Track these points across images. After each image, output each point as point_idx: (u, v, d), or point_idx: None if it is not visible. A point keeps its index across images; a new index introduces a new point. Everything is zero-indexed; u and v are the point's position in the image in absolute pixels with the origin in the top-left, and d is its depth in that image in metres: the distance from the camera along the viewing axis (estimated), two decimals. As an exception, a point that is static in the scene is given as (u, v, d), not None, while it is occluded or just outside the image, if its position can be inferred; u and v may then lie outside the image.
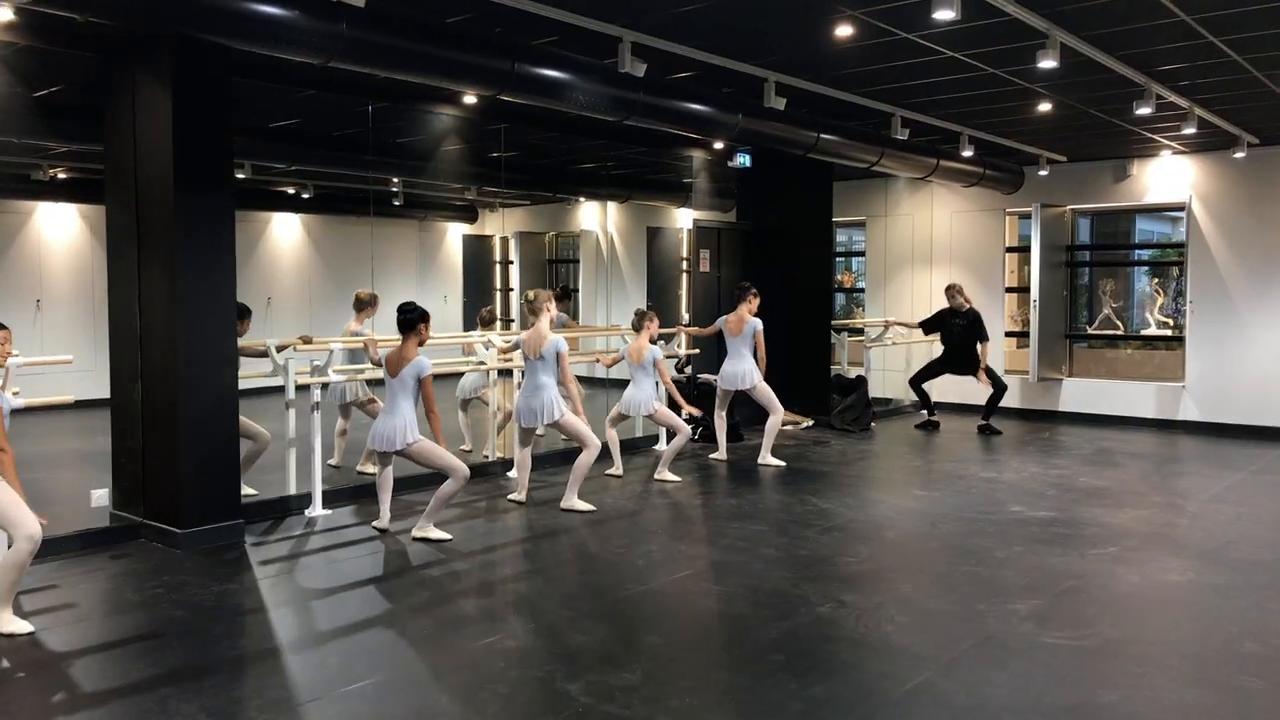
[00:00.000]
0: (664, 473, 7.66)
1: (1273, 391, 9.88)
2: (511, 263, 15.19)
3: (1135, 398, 10.68)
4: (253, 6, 4.53)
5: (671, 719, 3.44)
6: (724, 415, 8.60)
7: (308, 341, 6.92)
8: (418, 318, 5.88)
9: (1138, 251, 12.76)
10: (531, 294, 6.68)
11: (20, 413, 4.91)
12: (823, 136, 7.71)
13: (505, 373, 8.14)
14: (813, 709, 3.51)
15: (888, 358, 11.83)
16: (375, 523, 6.13)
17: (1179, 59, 6.32)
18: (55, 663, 4.03)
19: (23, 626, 4.29)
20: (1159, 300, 11.41)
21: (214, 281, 5.77)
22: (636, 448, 8.95)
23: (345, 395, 7.54)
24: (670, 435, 8.08)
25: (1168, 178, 10.47)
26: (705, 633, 4.44)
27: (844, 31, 5.64)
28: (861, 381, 10.60)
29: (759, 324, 8.12)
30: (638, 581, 5.07)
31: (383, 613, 4.65)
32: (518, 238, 14.60)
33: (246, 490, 6.35)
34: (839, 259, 13.94)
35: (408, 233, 15.60)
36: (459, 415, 8.44)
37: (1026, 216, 11.97)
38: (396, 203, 14.31)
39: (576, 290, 14.81)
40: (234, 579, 5.13)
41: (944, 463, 8.55)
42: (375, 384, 7.54)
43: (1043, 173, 10.39)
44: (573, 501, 6.65)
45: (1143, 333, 11.37)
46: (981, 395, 10.17)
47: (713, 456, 8.56)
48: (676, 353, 9.32)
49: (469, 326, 13.73)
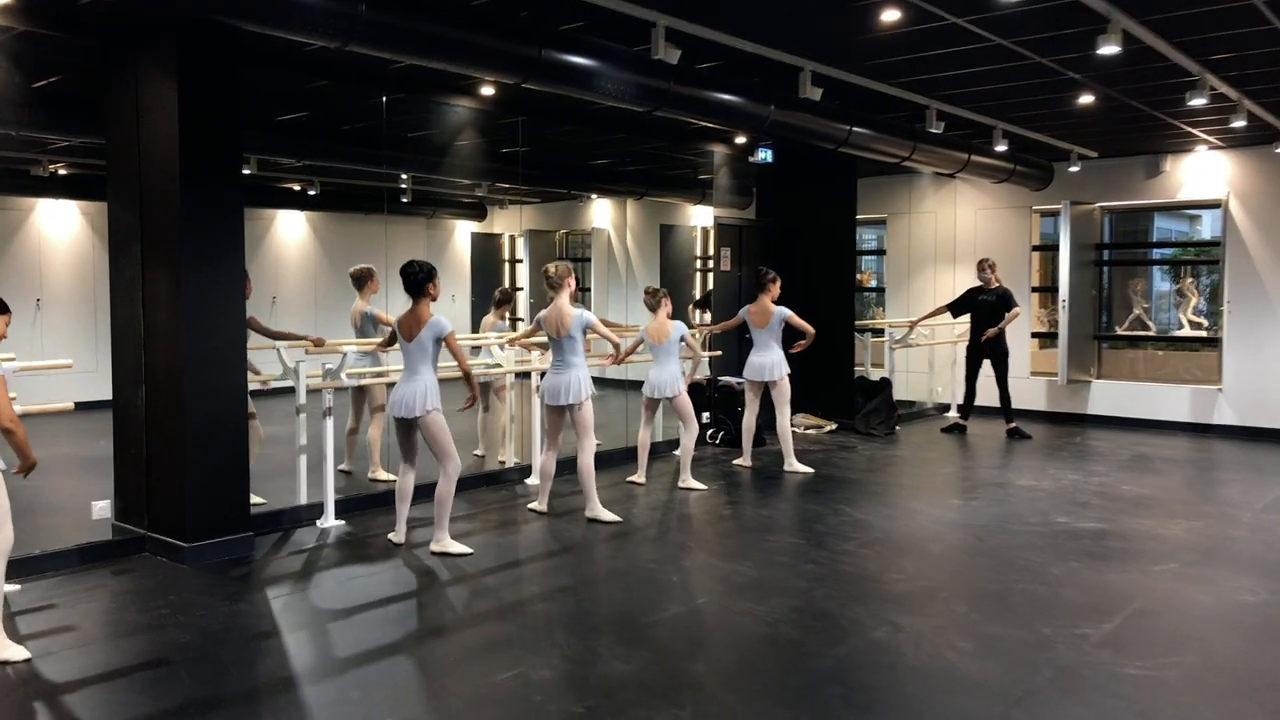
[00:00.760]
0: (688, 480, 7.34)
1: (1312, 395, 9.56)
2: (520, 261, 14.89)
3: (1168, 401, 10.35)
4: (266, -15, 4.22)
5: (730, 763, 3.13)
6: (753, 418, 8.24)
7: (319, 344, 6.61)
8: (426, 276, 5.56)
9: (1161, 250, 12.48)
10: (552, 268, 6.36)
11: (22, 417, 4.60)
12: (855, 130, 7.39)
13: (523, 375, 7.83)
14: (884, 751, 3.20)
15: (911, 359, 11.51)
16: (391, 535, 5.82)
17: (1233, 47, 5.99)
18: (54, 694, 3.72)
19: (19, 653, 3.97)
20: (1191, 300, 11.08)
21: (222, 280, 5.45)
22: (656, 452, 8.61)
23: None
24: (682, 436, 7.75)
25: (1203, 174, 10.14)
26: (754, 661, 4.12)
27: (890, 16, 5.32)
28: (886, 384, 10.29)
29: (787, 311, 7.79)
30: (675, 601, 4.75)
31: (404, 637, 4.34)
32: (527, 236, 14.28)
33: (254, 499, 6.04)
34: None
35: (415, 231, 15.27)
36: (479, 415, 8.12)
37: (1051, 214, 11.70)
38: (404, 200, 14.00)
39: (588, 289, 14.51)
40: (244, 598, 4.82)
41: (977, 469, 8.23)
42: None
43: (1074, 169, 10.06)
44: (597, 511, 6.34)
45: (1175, 334, 11.04)
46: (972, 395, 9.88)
47: (736, 462, 8.24)
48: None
49: (477, 326, 13.46)
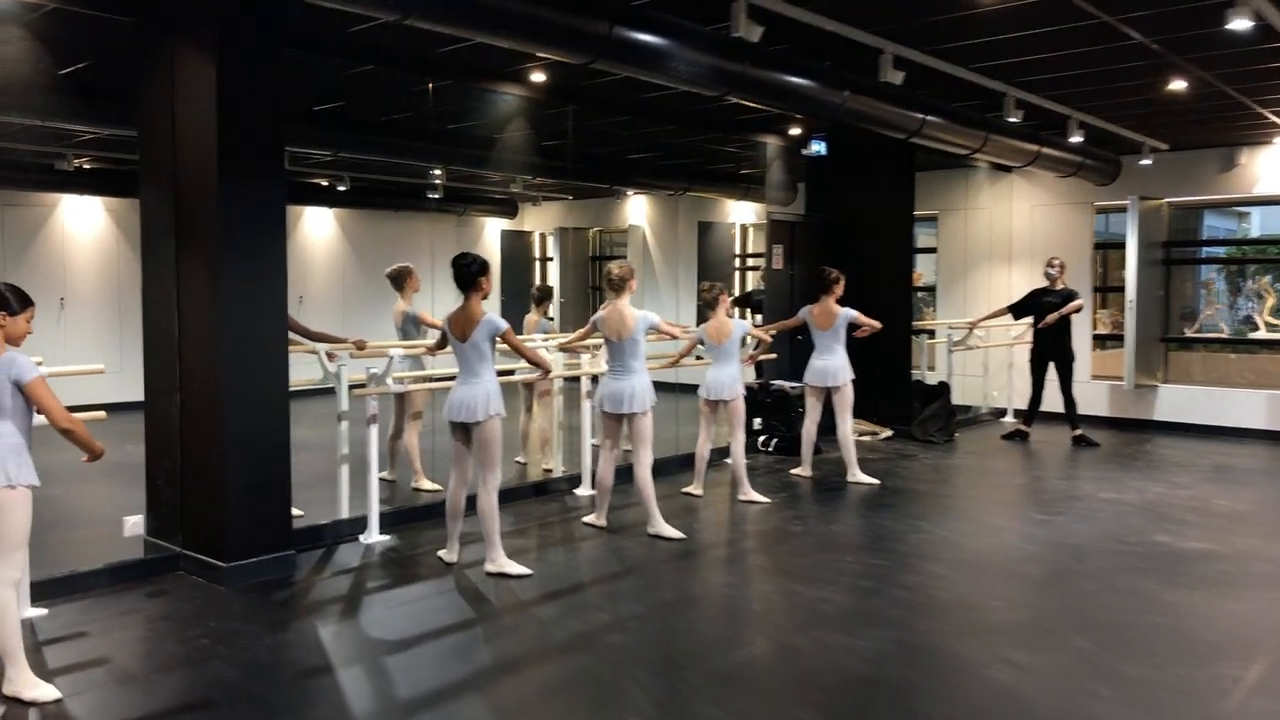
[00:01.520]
0: (748, 492, 6.90)
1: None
2: (551, 259, 14.48)
3: (1243, 407, 9.82)
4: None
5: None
6: (814, 425, 7.77)
7: (361, 347, 6.22)
8: (479, 269, 5.14)
9: (1213, 249, 11.95)
10: (615, 268, 5.93)
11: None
12: (929, 119, 6.93)
13: (571, 378, 7.43)
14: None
15: (966, 362, 11.01)
16: (442, 553, 5.41)
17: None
18: (87, 743, 3.33)
19: (48, 693, 3.57)
20: (1269, 301, 10.54)
21: (264, 280, 5.05)
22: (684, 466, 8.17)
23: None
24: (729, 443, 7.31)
25: (1282, 167, 9.62)
26: (865, 706, 3.68)
27: (991, -10, 4.88)
28: (944, 388, 9.81)
29: (852, 312, 7.34)
30: (761, 633, 4.32)
31: (472, 674, 3.92)
32: (558, 234, 13.86)
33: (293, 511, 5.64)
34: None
35: (445, 228, 14.89)
36: (520, 419, 7.72)
37: (1108, 212, 11.21)
38: (434, 196, 13.63)
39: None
40: (290, 626, 4.42)
41: (1050, 480, 7.75)
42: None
43: (1146, 162, 9.53)
44: (659, 526, 5.91)
45: (1251, 336, 10.52)
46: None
47: (795, 472, 7.79)
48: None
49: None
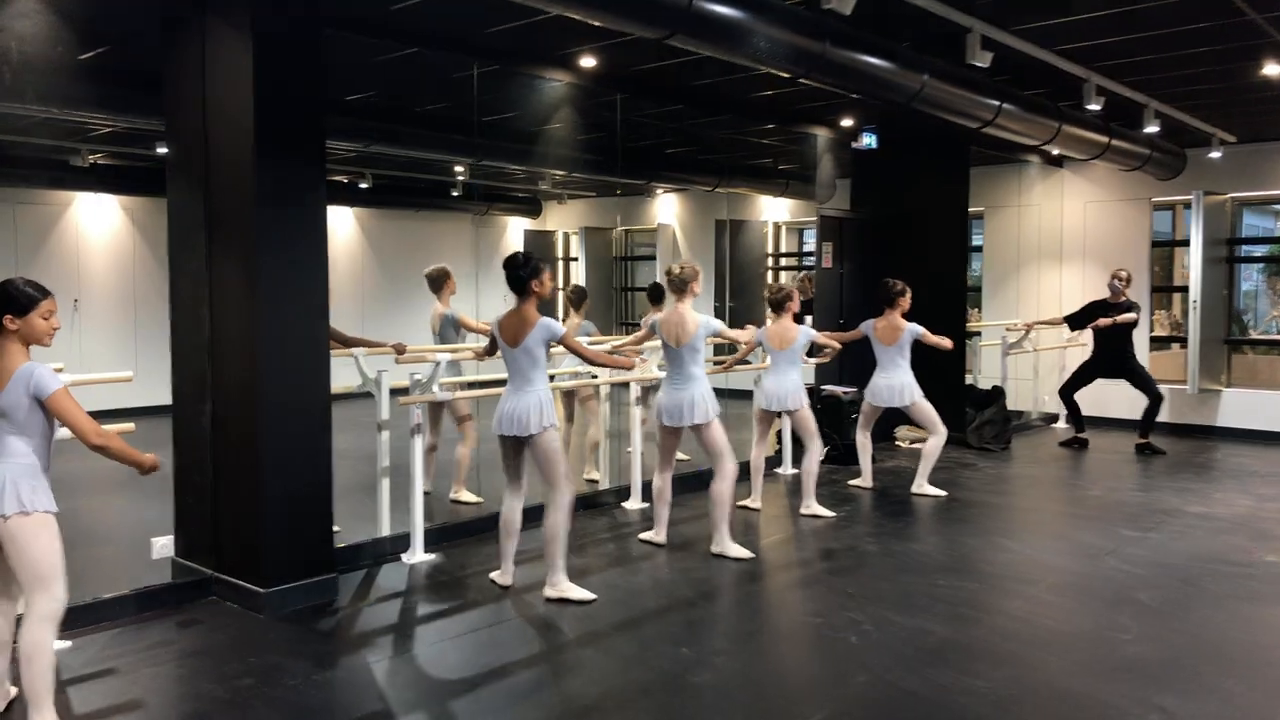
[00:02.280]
0: (812, 505, 6.45)
1: None
2: (575, 259, 14.05)
3: (1313, 412, 9.35)
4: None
5: None
6: (868, 435, 7.37)
7: (402, 351, 5.78)
8: (531, 271, 4.67)
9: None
10: (677, 267, 5.48)
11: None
12: (1004, 107, 6.46)
13: (621, 384, 6.99)
14: None
15: (1017, 366, 10.54)
16: (495, 576, 4.96)
17: None
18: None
19: (75, 747, 3.15)
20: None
21: (304, 275, 4.63)
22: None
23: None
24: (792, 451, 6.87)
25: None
26: (1003, 761, 3.23)
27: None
28: (999, 393, 9.34)
29: (919, 328, 6.88)
30: (864, 670, 3.86)
31: (550, 722, 3.48)
32: (583, 233, 13.41)
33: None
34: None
35: (466, 228, 14.48)
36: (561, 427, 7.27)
37: (1165, 208, 10.76)
38: (457, 194, 13.21)
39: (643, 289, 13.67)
40: (338, 661, 3.98)
41: (1127, 492, 7.28)
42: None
43: (1214, 155, 9.06)
44: (725, 545, 5.47)
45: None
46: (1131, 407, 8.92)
47: (854, 483, 7.34)
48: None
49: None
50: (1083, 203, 10.64)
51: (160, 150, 8.61)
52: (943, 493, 7.03)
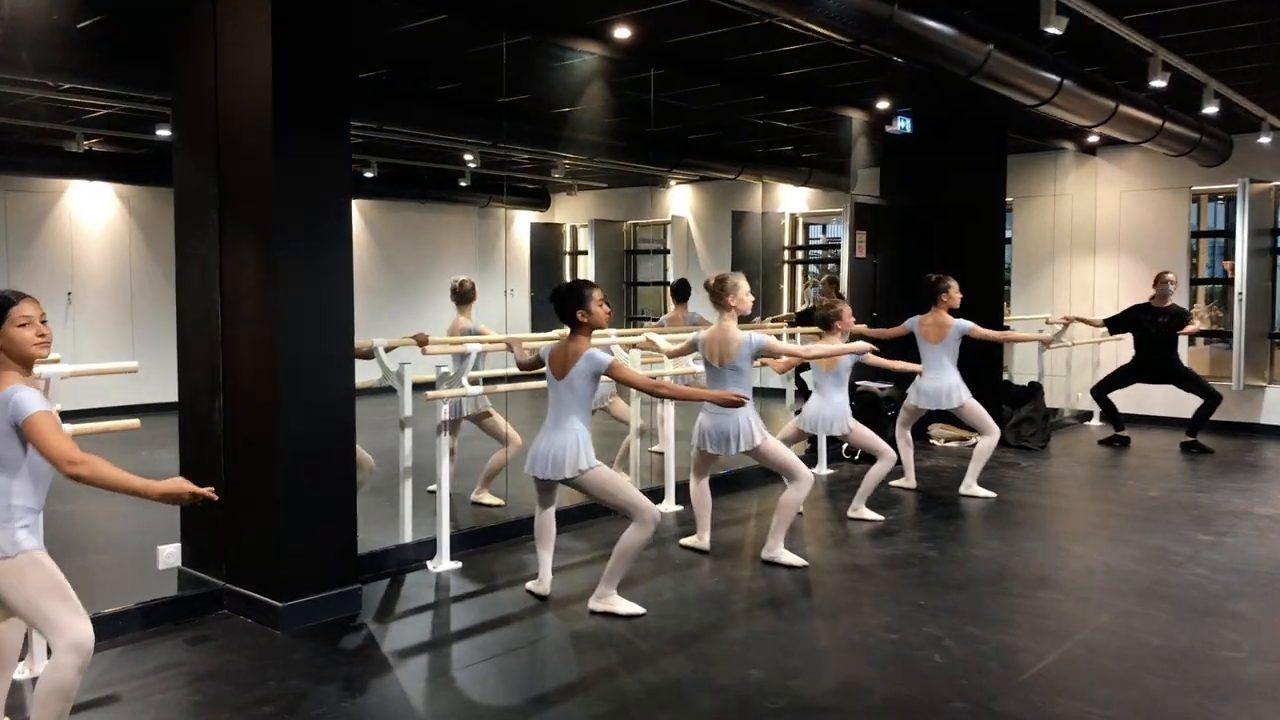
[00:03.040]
0: (860, 509, 6.06)
1: None
2: (584, 253, 13.64)
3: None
4: None
5: None
6: (909, 434, 6.99)
7: (424, 342, 5.36)
8: (577, 301, 4.22)
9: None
10: (717, 279, 5.08)
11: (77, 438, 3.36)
12: (1065, 83, 6.07)
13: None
14: None
15: (1052, 362, 10.15)
16: (532, 585, 4.56)
17: None
18: None
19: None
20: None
21: (327, 258, 4.22)
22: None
23: (460, 408, 5.94)
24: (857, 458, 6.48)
25: None
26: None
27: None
28: (1037, 389, 8.95)
29: (967, 324, 6.49)
30: (957, 694, 3.46)
31: (616, 758, 3.07)
32: (593, 226, 12.99)
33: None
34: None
35: (471, 220, 14.06)
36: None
37: (1198, 197, 10.38)
38: (464, 184, 12.78)
39: (663, 283, 13.23)
40: (369, 685, 3.56)
41: (1185, 492, 6.89)
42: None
43: (1264, 140, 8.67)
44: (777, 552, 5.07)
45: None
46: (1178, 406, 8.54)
47: (896, 484, 6.94)
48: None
49: (537, 326, 12.18)
50: (1118, 192, 10.27)
51: (161, 133, 8.19)
52: (992, 494, 6.65)
